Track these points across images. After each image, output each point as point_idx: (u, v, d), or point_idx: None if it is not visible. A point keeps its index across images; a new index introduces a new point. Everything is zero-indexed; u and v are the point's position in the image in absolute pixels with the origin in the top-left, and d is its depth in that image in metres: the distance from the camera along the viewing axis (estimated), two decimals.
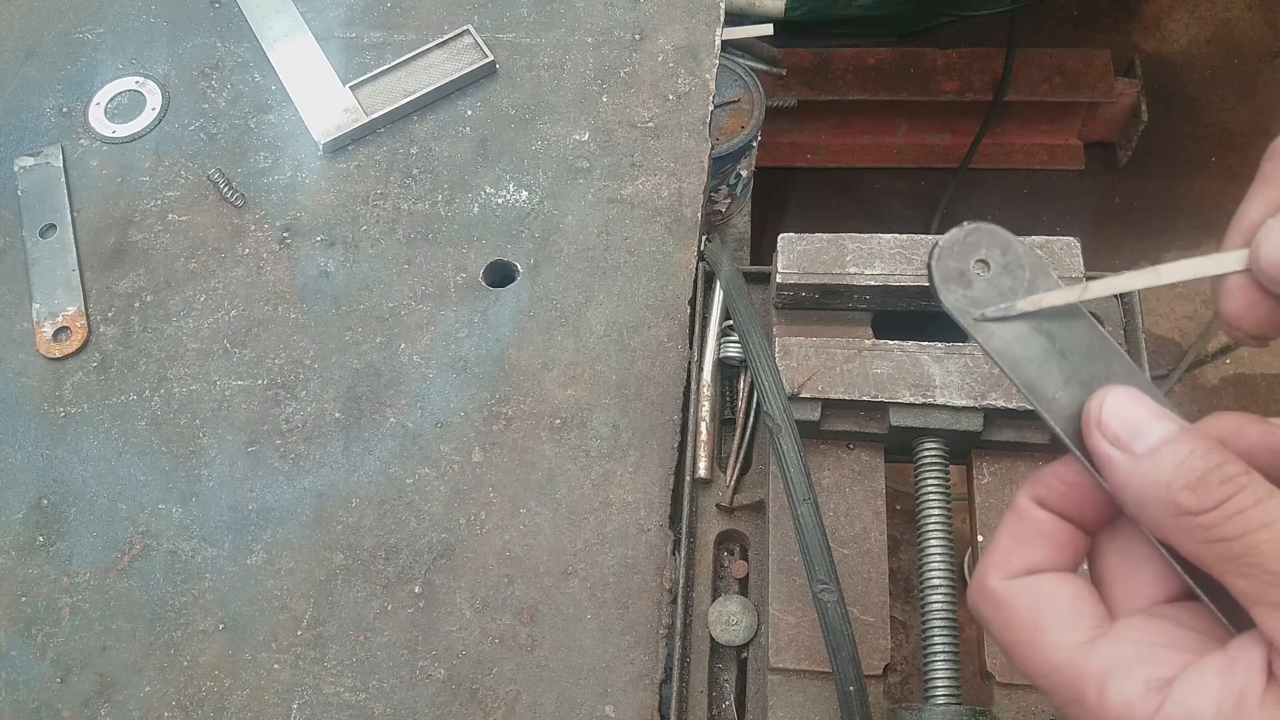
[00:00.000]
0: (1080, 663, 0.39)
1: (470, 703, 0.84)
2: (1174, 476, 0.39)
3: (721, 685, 0.85)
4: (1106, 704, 0.38)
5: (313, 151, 1.11)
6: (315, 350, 1.00)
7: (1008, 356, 0.44)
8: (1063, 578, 0.43)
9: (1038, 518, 0.44)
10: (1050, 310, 0.44)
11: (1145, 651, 0.39)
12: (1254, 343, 0.45)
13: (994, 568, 0.43)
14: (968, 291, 0.44)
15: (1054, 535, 0.43)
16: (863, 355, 0.82)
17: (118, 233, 1.08)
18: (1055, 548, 0.43)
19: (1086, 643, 0.40)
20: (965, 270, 0.45)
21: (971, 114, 2.17)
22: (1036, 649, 0.41)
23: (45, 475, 0.96)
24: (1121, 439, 0.41)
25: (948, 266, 0.45)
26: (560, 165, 1.08)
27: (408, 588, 0.89)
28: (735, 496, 0.89)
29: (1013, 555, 0.43)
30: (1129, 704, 0.37)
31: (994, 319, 0.44)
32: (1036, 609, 0.41)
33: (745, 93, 1.42)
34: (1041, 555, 0.43)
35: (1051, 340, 0.44)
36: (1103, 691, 0.38)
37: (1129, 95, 2.15)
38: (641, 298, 1.00)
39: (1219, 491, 0.38)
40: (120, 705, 0.86)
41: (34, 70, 1.19)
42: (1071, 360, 0.44)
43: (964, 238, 0.45)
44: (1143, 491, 0.40)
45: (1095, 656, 0.39)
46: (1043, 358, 0.44)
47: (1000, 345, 0.44)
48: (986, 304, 0.44)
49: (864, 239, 0.87)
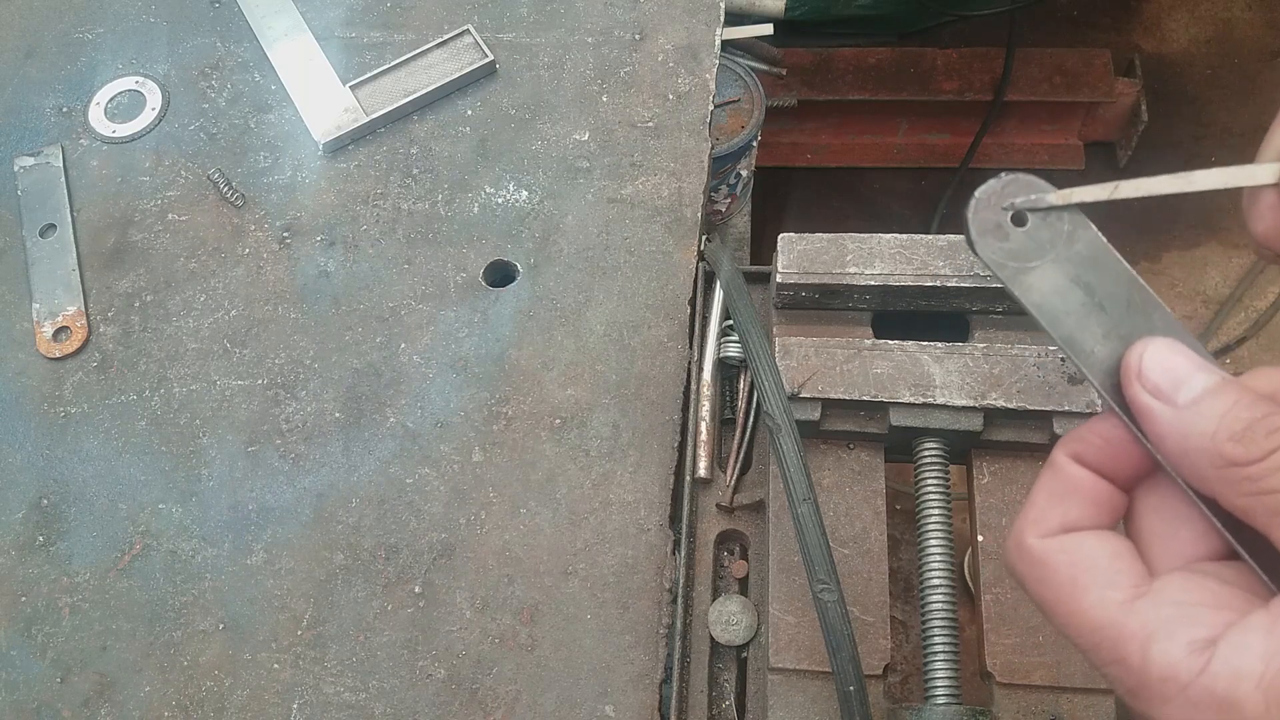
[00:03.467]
0: (1122, 622, 0.39)
1: (470, 703, 0.84)
2: (1219, 427, 0.38)
3: (721, 685, 0.85)
4: (1150, 664, 0.37)
5: (313, 151, 1.11)
6: (315, 350, 1.00)
7: (1046, 310, 0.43)
8: (1101, 536, 0.42)
9: (1075, 475, 0.43)
10: (1089, 258, 0.43)
11: (1187, 611, 0.38)
12: None
13: (1031, 525, 0.43)
14: (1004, 244, 0.43)
15: (1092, 492, 0.43)
16: (863, 355, 0.82)
17: (118, 233, 1.08)
18: (1093, 505, 0.42)
19: (1127, 602, 0.39)
20: (1002, 223, 0.43)
21: (971, 114, 2.17)
22: (1076, 608, 0.40)
23: (45, 475, 0.96)
24: (1163, 390, 0.40)
25: (985, 219, 0.43)
26: (560, 165, 1.08)
27: (408, 587, 0.89)
28: (735, 496, 0.89)
29: (1050, 513, 0.42)
30: (1173, 664, 0.37)
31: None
32: (1075, 568, 0.41)
33: (745, 93, 1.42)
34: (1079, 513, 0.42)
35: (1090, 293, 0.43)
36: (1146, 652, 0.37)
37: (1129, 95, 2.15)
38: (641, 298, 1.00)
39: (1266, 442, 0.37)
40: (120, 705, 0.86)
41: (34, 70, 1.19)
42: (1111, 313, 0.42)
43: (1001, 188, 0.43)
44: (1186, 443, 0.39)
45: (1137, 616, 0.38)
46: (1081, 311, 0.42)
47: (1039, 299, 0.43)
48: (1025, 258, 0.42)
49: (864, 239, 0.87)
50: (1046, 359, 0.80)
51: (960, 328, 0.87)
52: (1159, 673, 0.37)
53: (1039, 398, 0.79)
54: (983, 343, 0.84)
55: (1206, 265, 2.13)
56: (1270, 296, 2.08)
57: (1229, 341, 2.03)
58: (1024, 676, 0.76)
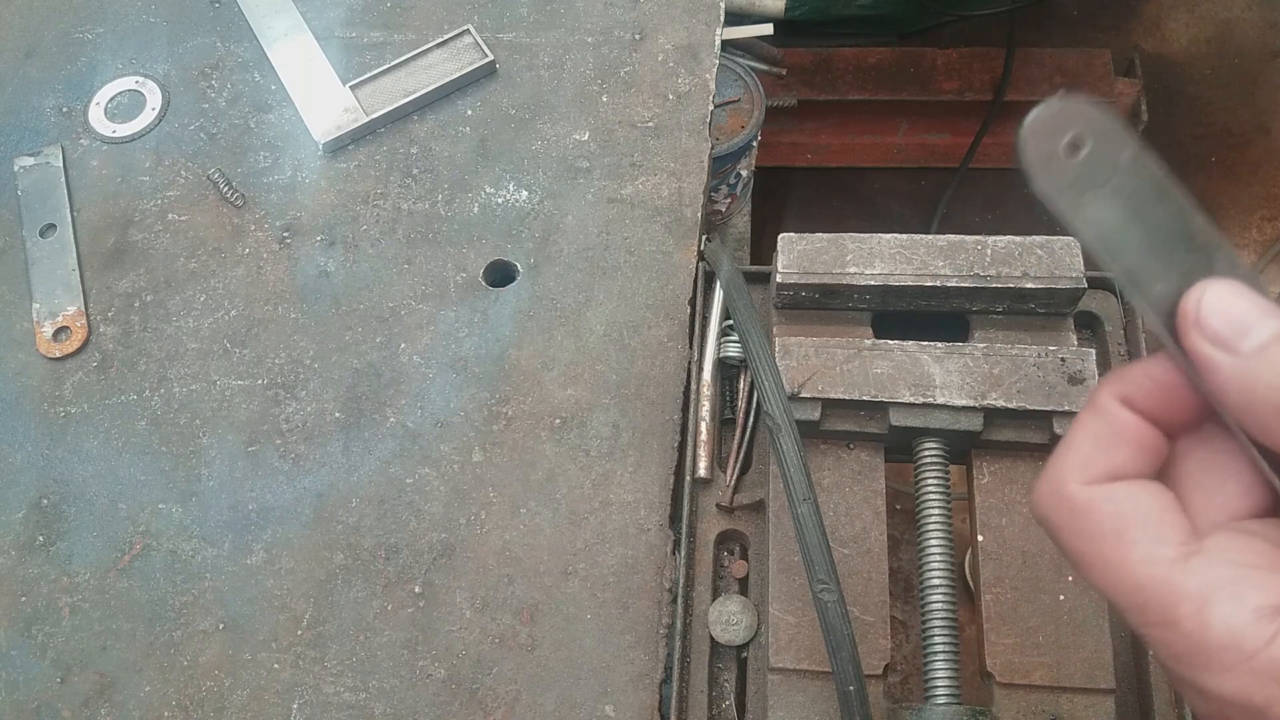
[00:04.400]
0: (1175, 581, 0.36)
1: (470, 703, 0.84)
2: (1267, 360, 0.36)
3: (721, 685, 0.85)
4: (1209, 629, 0.35)
5: (313, 151, 1.11)
6: (315, 350, 1.00)
7: (1106, 242, 0.41)
8: (1151, 487, 0.39)
9: (1124, 419, 0.40)
10: (1152, 194, 0.41)
11: (1251, 574, 0.35)
12: None
13: (1074, 470, 0.39)
14: (1062, 173, 0.41)
15: (1140, 438, 0.40)
16: (863, 355, 0.82)
17: (118, 232, 1.08)
18: (1141, 452, 0.40)
19: (1180, 560, 0.36)
20: (1057, 152, 0.41)
21: (971, 114, 2.17)
22: (1121, 564, 0.37)
23: (45, 475, 0.96)
24: (1225, 337, 0.37)
25: (1040, 147, 0.41)
26: (560, 165, 1.08)
27: (408, 587, 0.89)
28: (735, 496, 0.89)
29: (1096, 458, 0.39)
30: (1235, 631, 0.34)
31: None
32: (1122, 519, 0.38)
33: (745, 93, 1.42)
34: (1126, 459, 0.39)
35: (1151, 227, 0.41)
36: (1204, 615, 0.35)
37: (1129, 95, 2.15)
38: (641, 298, 1.00)
39: None
40: (120, 705, 0.86)
41: (34, 70, 1.19)
42: (1172, 249, 0.40)
43: (1054, 115, 0.42)
44: (1252, 395, 0.36)
45: (1193, 576, 0.36)
46: (1142, 245, 0.41)
47: (1098, 230, 0.41)
48: (1082, 188, 0.41)
49: (864, 239, 0.87)
50: (1046, 359, 0.80)
51: (960, 328, 0.87)
52: (1220, 639, 0.34)
53: (1039, 398, 0.79)
54: (983, 343, 0.84)
55: None
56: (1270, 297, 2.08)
57: None
58: (1024, 676, 0.76)
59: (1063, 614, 0.77)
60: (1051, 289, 0.84)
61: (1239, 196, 2.18)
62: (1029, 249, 0.85)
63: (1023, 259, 0.85)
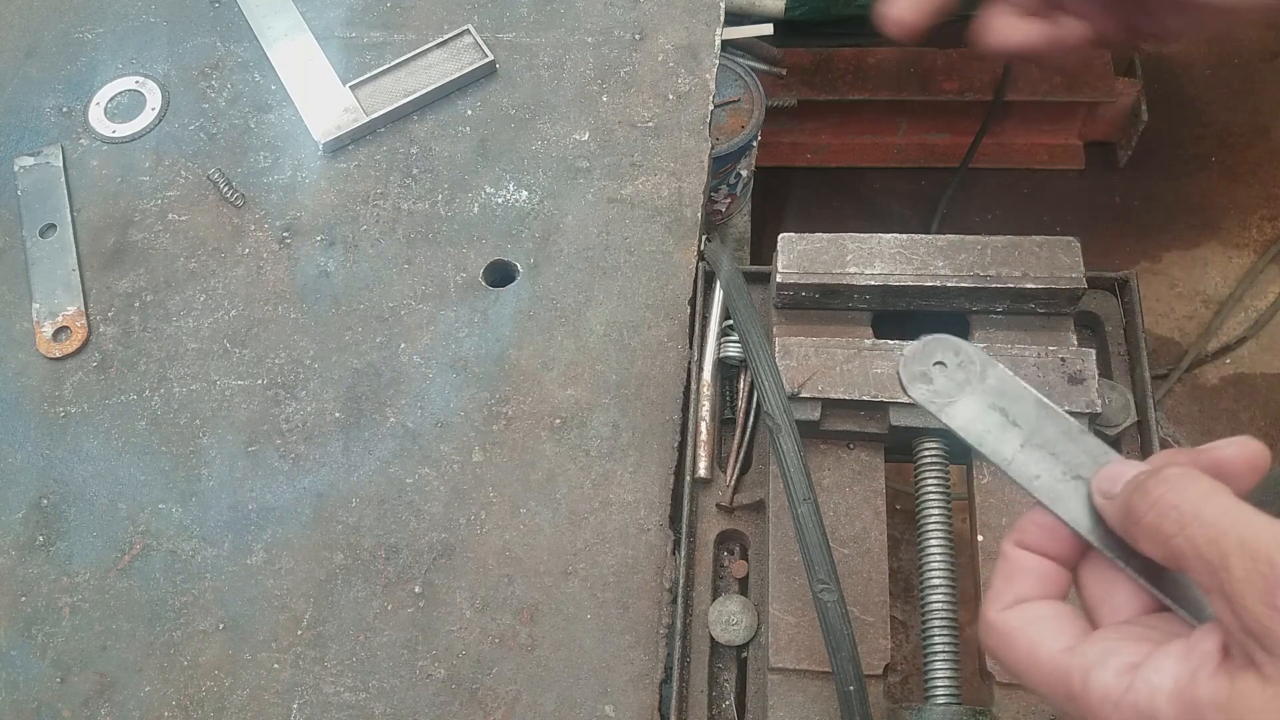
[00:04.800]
0: (1067, 663, 0.46)
1: (470, 703, 0.84)
2: (1124, 491, 0.47)
3: (721, 685, 0.85)
4: (1090, 691, 0.44)
5: (313, 151, 1.11)
6: (315, 350, 1.00)
7: (971, 431, 0.53)
8: (1047, 602, 0.50)
9: (1020, 557, 0.51)
10: (998, 388, 0.54)
11: (1117, 644, 0.45)
12: None
13: (991, 604, 0.51)
14: (930, 386, 0.54)
15: (1036, 570, 0.51)
16: (863, 355, 0.82)
17: (118, 232, 1.08)
18: (1038, 580, 0.50)
19: (1070, 647, 0.47)
20: (927, 371, 0.55)
21: (971, 114, 2.16)
22: (1032, 661, 0.48)
23: (45, 475, 0.96)
24: (1107, 490, 0.49)
25: (913, 370, 0.55)
26: (560, 165, 1.08)
27: (408, 587, 0.89)
28: (735, 496, 0.89)
29: (1005, 592, 0.50)
30: (1105, 687, 0.44)
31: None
32: (1027, 628, 0.48)
33: (745, 93, 1.42)
34: (1027, 587, 0.50)
35: (1005, 414, 0.53)
36: (1085, 681, 0.44)
37: (1129, 95, 2.15)
38: (641, 298, 1.00)
39: (1155, 490, 0.45)
40: (120, 705, 0.86)
41: (34, 70, 1.19)
42: (1024, 426, 0.53)
43: (923, 347, 0.56)
44: (1115, 517, 0.48)
45: (1077, 655, 0.46)
46: (999, 428, 0.53)
47: (963, 423, 0.54)
48: (946, 395, 0.54)
49: (864, 239, 0.87)
50: (1046, 359, 0.80)
51: (960, 328, 0.87)
52: (1098, 696, 0.44)
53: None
54: (983, 343, 0.84)
55: (1206, 265, 2.13)
56: (1270, 296, 2.08)
57: (1229, 341, 2.03)
58: None
59: None
60: (1051, 289, 0.84)
61: (1239, 196, 2.18)
62: (1029, 249, 0.85)
63: (1023, 259, 0.85)
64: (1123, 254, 2.14)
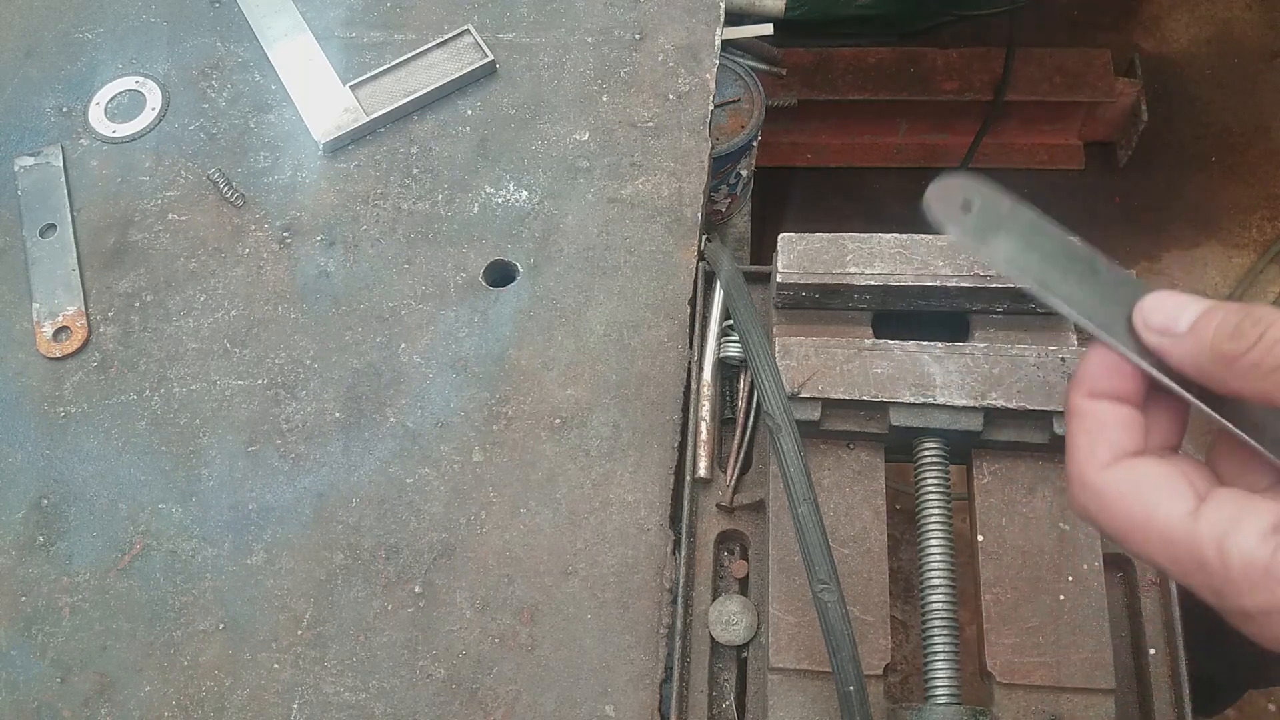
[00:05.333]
0: (1193, 529, 0.43)
1: (470, 703, 0.84)
2: (1215, 335, 0.44)
3: (721, 685, 0.85)
4: (1229, 561, 0.41)
5: (313, 151, 1.11)
6: (315, 350, 1.00)
7: (1013, 264, 0.52)
8: (1153, 459, 0.46)
9: (1098, 409, 0.48)
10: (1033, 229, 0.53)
11: (1248, 505, 0.43)
12: None
13: (1085, 464, 0.47)
14: (964, 222, 0.53)
15: (1119, 417, 0.48)
16: (863, 355, 0.82)
17: (118, 232, 1.08)
18: (1126, 428, 0.47)
19: (1193, 512, 0.43)
20: (955, 210, 0.54)
21: (971, 114, 2.17)
22: (1150, 528, 0.44)
23: (45, 475, 0.96)
24: (1166, 327, 0.47)
25: (941, 208, 0.54)
26: (560, 165, 1.08)
27: (408, 587, 0.89)
28: (735, 496, 0.89)
29: (1098, 449, 0.47)
30: (1248, 554, 0.41)
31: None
32: (1139, 490, 0.45)
33: (745, 92, 1.42)
34: (1120, 438, 0.47)
35: (1042, 251, 0.52)
36: (1222, 550, 0.42)
37: (1129, 95, 2.15)
38: (641, 297, 1.00)
39: (1253, 330, 0.43)
40: (120, 705, 0.86)
41: (34, 70, 1.19)
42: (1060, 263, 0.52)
43: (945, 186, 0.54)
44: (1197, 359, 0.45)
45: (1205, 521, 0.43)
46: (1038, 263, 0.52)
47: (1004, 257, 0.53)
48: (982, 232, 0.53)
49: (864, 239, 0.87)
50: (1046, 359, 0.80)
51: (960, 328, 0.87)
52: (1239, 565, 0.41)
53: (1039, 398, 0.78)
54: (983, 343, 0.84)
55: (1206, 265, 2.13)
56: (1270, 296, 2.08)
57: None
58: (1024, 676, 0.76)
59: (1063, 614, 0.77)
60: None
61: (1239, 196, 2.18)
62: None
63: None
64: (1123, 254, 2.14)
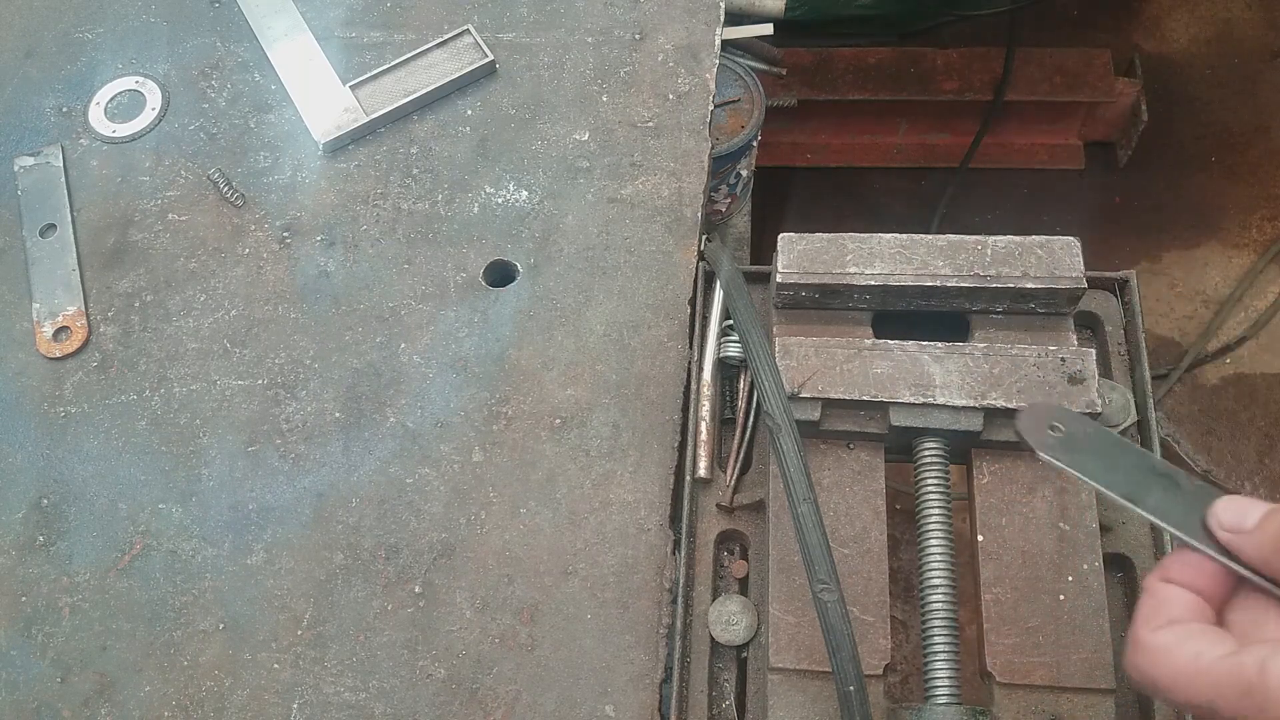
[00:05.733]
0: (1236, 661, 0.49)
1: (470, 702, 0.84)
2: (1277, 530, 0.52)
3: (721, 685, 0.85)
4: (1269, 679, 0.47)
5: (313, 151, 1.11)
6: (315, 350, 1.00)
7: (1101, 480, 0.59)
8: (1200, 624, 0.53)
9: (1167, 590, 0.55)
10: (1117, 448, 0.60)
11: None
12: None
13: (1140, 627, 0.53)
14: (1055, 443, 0.60)
15: (1183, 600, 0.54)
16: (863, 355, 0.82)
17: (118, 233, 1.08)
18: (1187, 607, 0.54)
19: (1235, 651, 0.50)
20: (1045, 433, 0.61)
21: (971, 114, 2.17)
22: (1197, 669, 0.50)
23: (45, 475, 0.96)
24: (1236, 525, 0.54)
25: (1033, 433, 0.61)
26: (560, 165, 1.08)
27: (408, 587, 0.89)
28: (735, 496, 0.89)
29: (1157, 614, 0.54)
30: None
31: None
32: (1186, 642, 0.51)
33: (745, 93, 1.42)
34: (1179, 611, 0.54)
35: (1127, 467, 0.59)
36: (1264, 670, 0.47)
37: (1129, 95, 2.15)
38: (641, 297, 1.00)
39: None
40: (120, 705, 0.86)
41: (34, 70, 1.19)
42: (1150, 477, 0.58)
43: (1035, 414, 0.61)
44: (1261, 551, 0.52)
45: (1247, 653, 0.49)
46: (1126, 478, 0.58)
47: (1092, 473, 0.59)
48: (1073, 450, 0.60)
49: (864, 239, 0.87)
50: (1046, 359, 0.80)
51: (960, 328, 0.87)
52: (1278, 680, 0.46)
53: (1039, 397, 0.78)
54: (983, 343, 0.84)
55: (1206, 265, 2.13)
56: (1270, 296, 2.08)
57: (1229, 341, 2.03)
58: (1024, 676, 0.76)
59: (1063, 614, 0.77)
60: (1051, 289, 0.84)
61: (1239, 196, 2.18)
62: (1029, 249, 0.85)
63: (1023, 259, 0.85)
64: (1123, 254, 2.14)
